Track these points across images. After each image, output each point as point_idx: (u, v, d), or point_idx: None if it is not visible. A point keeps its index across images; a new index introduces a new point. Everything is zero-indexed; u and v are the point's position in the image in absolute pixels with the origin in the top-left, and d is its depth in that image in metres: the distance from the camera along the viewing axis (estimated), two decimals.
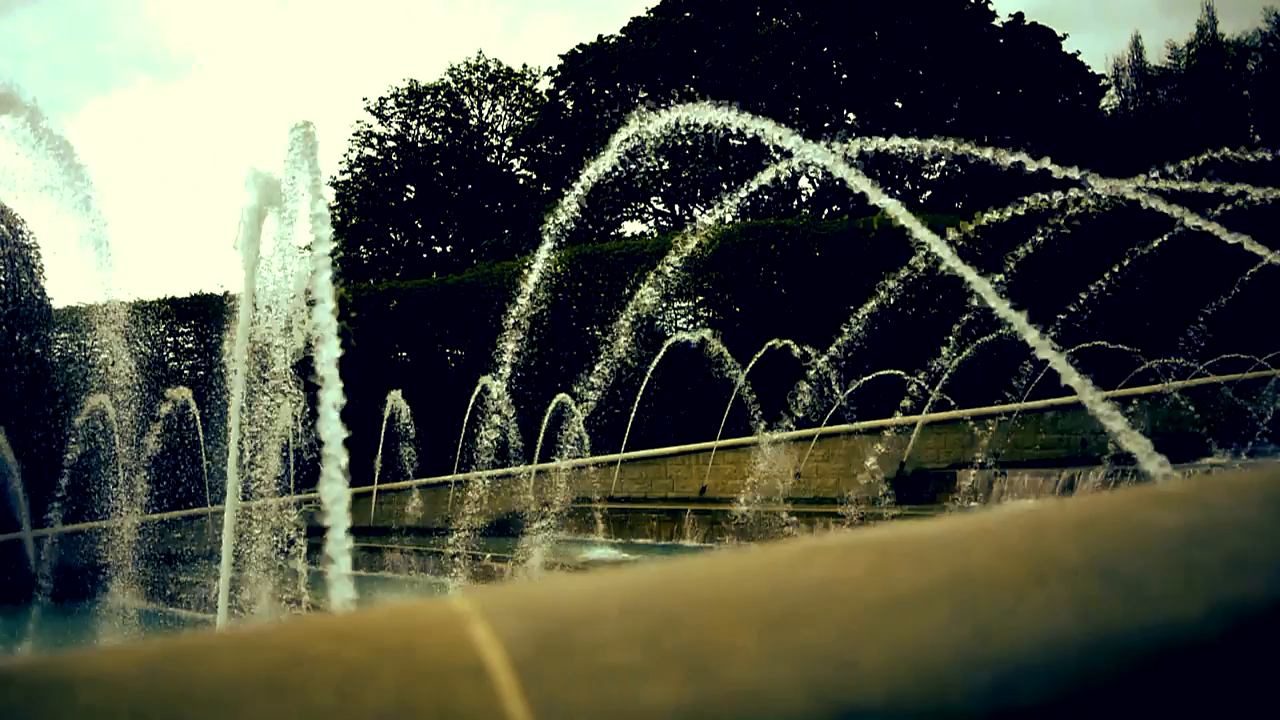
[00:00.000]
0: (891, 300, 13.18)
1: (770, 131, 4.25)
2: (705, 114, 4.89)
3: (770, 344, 14.79)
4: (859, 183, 3.56)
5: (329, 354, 2.08)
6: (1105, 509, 0.71)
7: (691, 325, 19.31)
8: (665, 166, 31.40)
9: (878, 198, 3.51)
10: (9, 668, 0.54)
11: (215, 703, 0.50)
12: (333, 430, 1.93)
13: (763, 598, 0.57)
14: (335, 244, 34.76)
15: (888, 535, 0.66)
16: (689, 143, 29.70)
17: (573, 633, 0.55)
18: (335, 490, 1.79)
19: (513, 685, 0.51)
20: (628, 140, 5.73)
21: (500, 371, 14.03)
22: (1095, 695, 0.54)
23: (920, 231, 3.27)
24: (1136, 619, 0.58)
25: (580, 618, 0.56)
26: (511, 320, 10.89)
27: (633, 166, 30.79)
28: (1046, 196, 9.54)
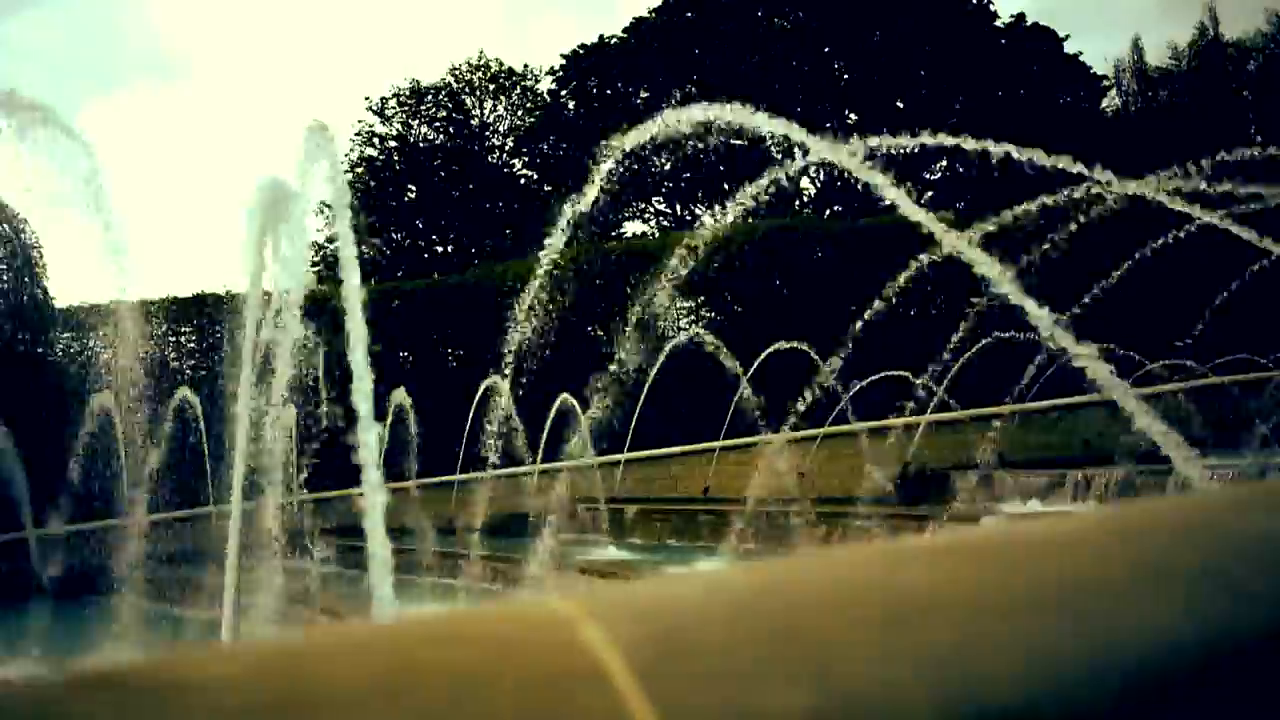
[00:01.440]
0: (894, 300, 13.17)
1: (794, 132, 4.24)
2: (725, 112, 4.88)
3: (775, 344, 14.79)
4: (888, 190, 3.55)
5: (360, 357, 2.08)
6: (1196, 511, 0.71)
7: (694, 324, 19.32)
8: (667, 167, 31.41)
9: (902, 201, 3.50)
10: (118, 670, 0.53)
11: (333, 708, 0.49)
12: (367, 433, 1.92)
13: (872, 599, 0.57)
14: (337, 245, 34.79)
15: (984, 538, 0.66)
16: (690, 143, 29.71)
17: (686, 635, 0.54)
18: (374, 490, 1.78)
19: (635, 689, 0.50)
20: (652, 137, 5.73)
21: (503, 371, 14.03)
22: (1214, 695, 0.54)
23: (950, 236, 3.26)
24: (1246, 620, 0.58)
25: (691, 620, 0.55)
26: (516, 319, 10.88)
27: (635, 166, 30.80)
28: (1048, 199, 9.54)
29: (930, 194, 33.36)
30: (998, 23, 32.93)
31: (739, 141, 33.61)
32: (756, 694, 0.50)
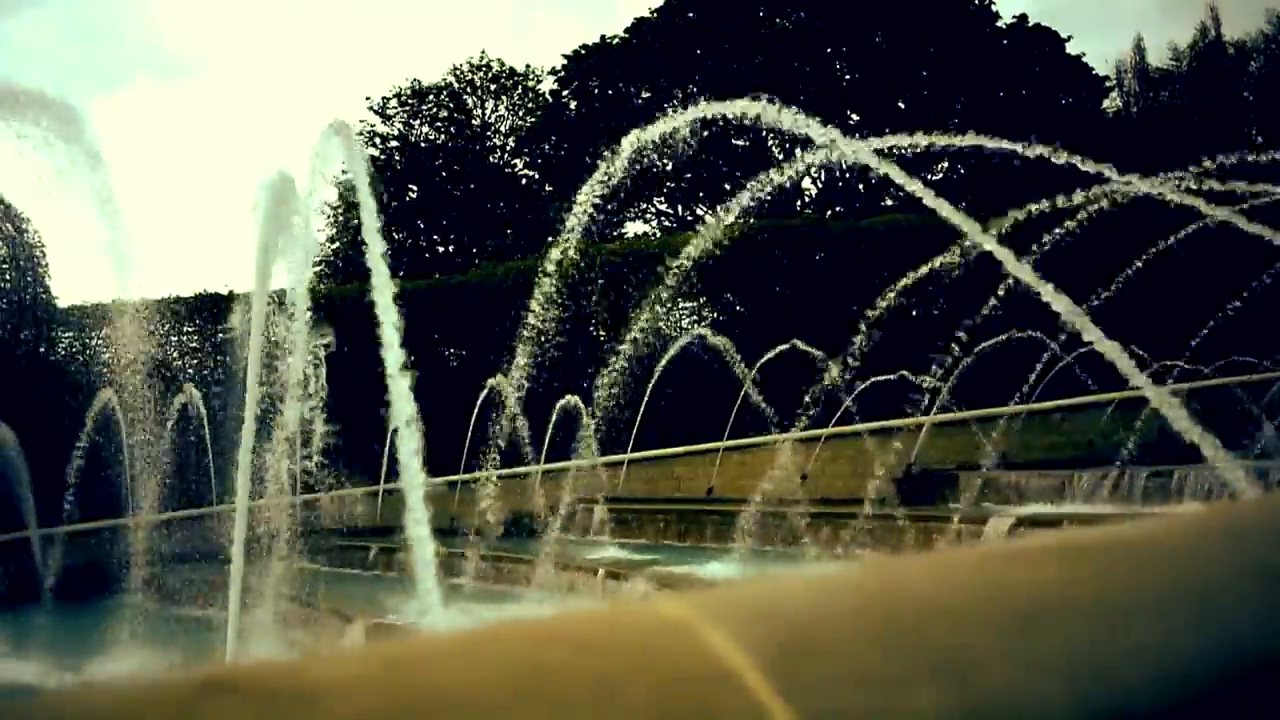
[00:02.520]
0: (899, 301, 13.17)
1: (814, 128, 4.24)
2: (754, 109, 4.88)
3: (779, 344, 14.79)
4: (915, 186, 3.55)
5: (394, 359, 2.07)
6: None
7: (696, 325, 19.31)
8: (669, 167, 31.39)
9: (927, 197, 3.50)
10: (246, 673, 0.53)
11: (474, 713, 0.49)
12: (407, 433, 1.92)
13: (996, 600, 0.56)
14: (337, 245, 34.74)
15: (1095, 538, 0.66)
16: (696, 142, 29.70)
17: (813, 637, 0.54)
18: (415, 491, 1.78)
19: (772, 692, 0.50)
20: (664, 133, 5.73)
21: (505, 371, 14.02)
22: None
23: (977, 232, 3.26)
24: None
25: (814, 621, 0.55)
26: (527, 319, 10.86)
27: (639, 167, 30.81)
28: (1059, 200, 9.53)
29: (931, 194, 33.35)
30: (1000, 23, 32.93)
31: (739, 142, 33.64)
32: (895, 696, 0.50)
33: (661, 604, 0.59)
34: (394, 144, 37.08)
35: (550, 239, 33.16)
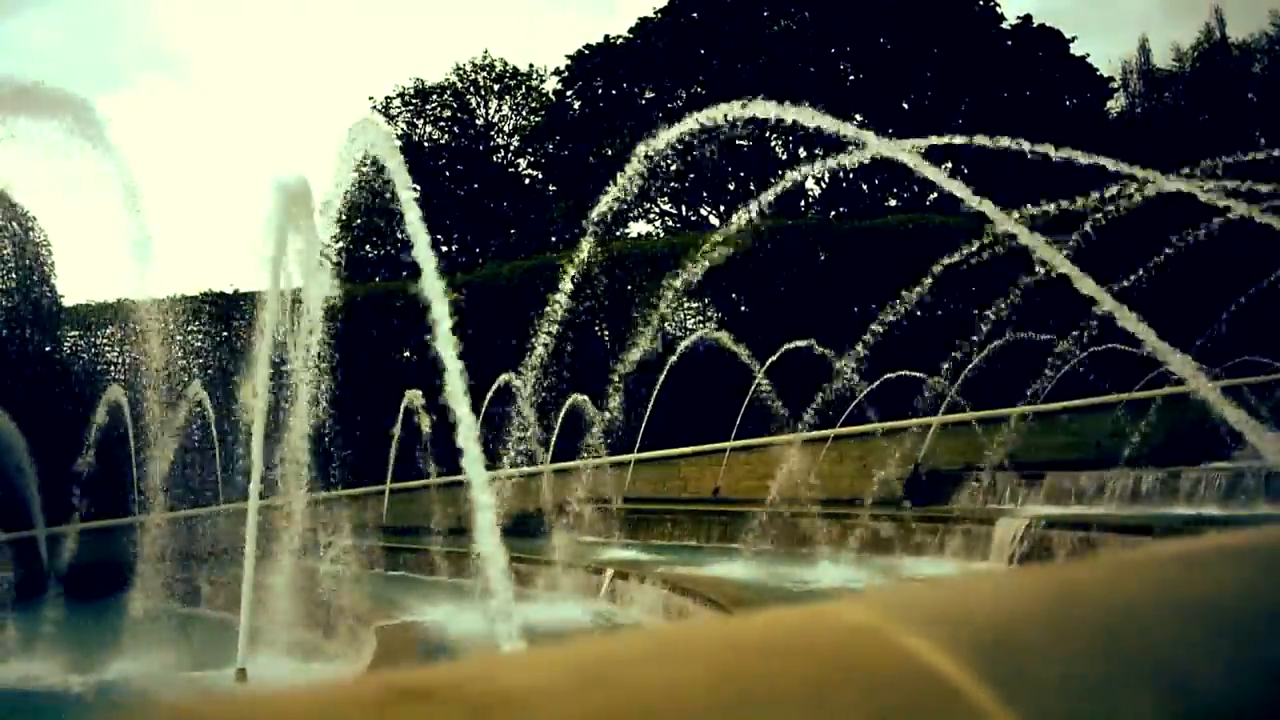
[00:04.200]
0: (909, 301, 13.15)
1: (844, 128, 4.24)
2: (786, 111, 4.87)
3: (786, 345, 14.77)
4: (957, 189, 3.54)
5: (451, 361, 2.06)
6: None
7: (701, 325, 19.29)
8: (674, 167, 31.37)
9: (965, 195, 3.49)
10: (427, 681, 0.52)
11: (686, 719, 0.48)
12: (469, 432, 1.91)
13: (1189, 602, 0.55)
14: (341, 244, 34.71)
15: (1249, 540, 0.65)
16: (696, 143, 29.66)
17: (1017, 640, 0.53)
18: (482, 491, 1.76)
19: (992, 699, 0.49)
20: (688, 133, 5.72)
21: (510, 370, 14.00)
22: None
23: (1027, 236, 3.25)
24: None
25: (1012, 624, 0.54)
26: (526, 319, 10.85)
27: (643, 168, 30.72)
28: (1056, 202, 9.53)
29: (933, 196, 33.35)
30: (1004, 24, 32.90)
31: (743, 142, 33.60)
32: (1113, 700, 0.49)
33: (845, 608, 0.58)
34: (397, 144, 37.06)
35: (556, 237, 33.01)
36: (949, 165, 32.59)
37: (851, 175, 31.62)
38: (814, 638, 0.54)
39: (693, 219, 34.34)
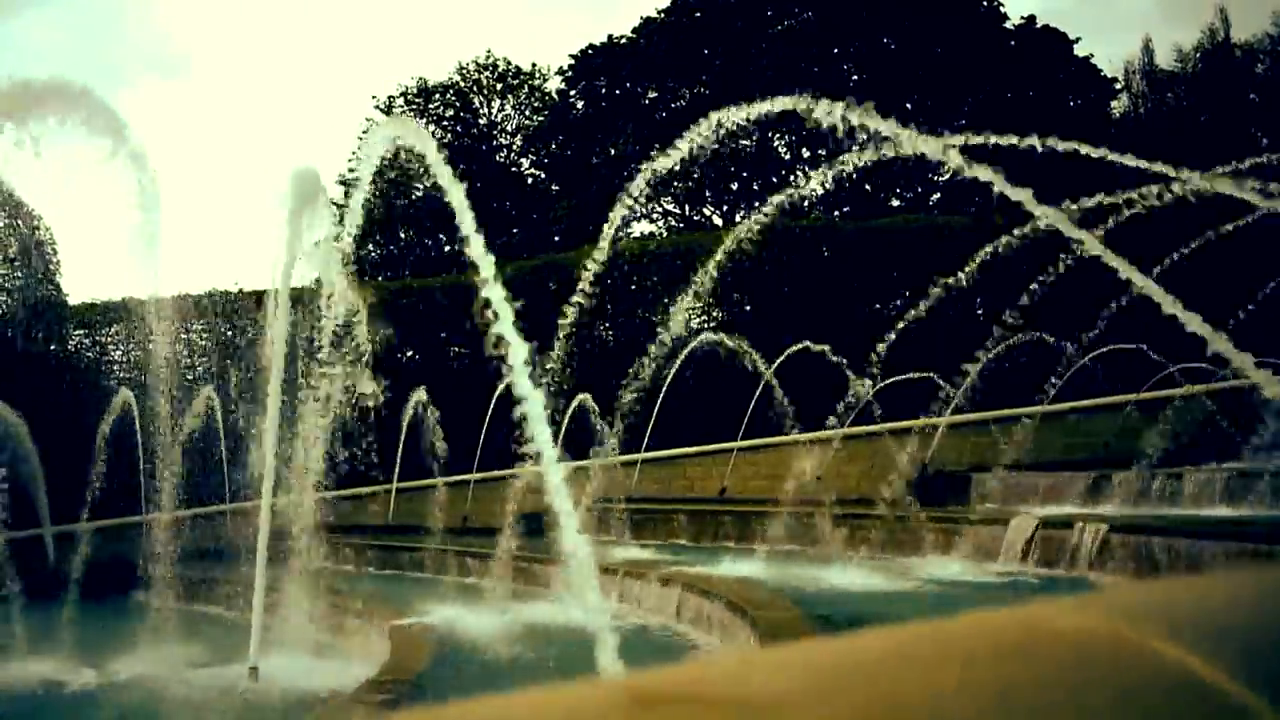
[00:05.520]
0: (915, 302, 13.14)
1: (883, 124, 4.22)
2: (819, 108, 4.85)
3: (791, 345, 14.77)
4: (1000, 183, 3.52)
5: (518, 358, 2.04)
6: None
7: (705, 326, 19.28)
8: (677, 167, 31.38)
9: (1006, 188, 3.47)
10: (666, 686, 0.50)
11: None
12: (539, 428, 1.90)
13: None
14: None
15: None
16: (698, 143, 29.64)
17: (1261, 642, 0.51)
18: (561, 496, 1.75)
19: (1255, 699, 0.47)
20: (710, 129, 5.70)
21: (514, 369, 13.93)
22: None
23: (1096, 245, 3.23)
24: None
25: (1258, 626, 0.53)
26: (565, 317, 10.79)
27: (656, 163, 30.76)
28: (1072, 204, 9.50)
29: (937, 196, 33.35)
30: (1007, 24, 32.90)
31: (745, 141, 33.58)
32: None
33: (1062, 610, 0.56)
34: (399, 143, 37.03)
35: (559, 236, 32.92)
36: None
37: (854, 175, 31.63)
38: (1046, 642, 0.53)
39: (695, 219, 34.34)
